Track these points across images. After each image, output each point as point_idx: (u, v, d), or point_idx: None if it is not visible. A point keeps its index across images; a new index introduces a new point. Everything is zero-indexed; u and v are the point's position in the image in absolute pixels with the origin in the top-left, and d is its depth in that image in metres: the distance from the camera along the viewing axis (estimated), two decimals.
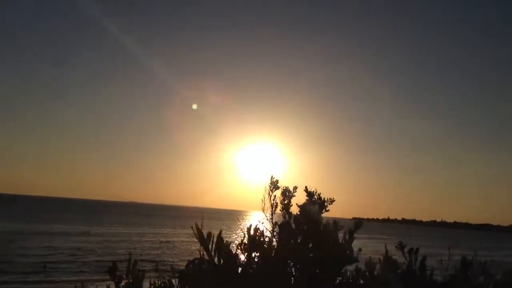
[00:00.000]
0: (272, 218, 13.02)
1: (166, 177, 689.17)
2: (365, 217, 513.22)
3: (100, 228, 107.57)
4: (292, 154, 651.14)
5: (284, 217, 13.26)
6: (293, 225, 13.04)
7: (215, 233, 8.55)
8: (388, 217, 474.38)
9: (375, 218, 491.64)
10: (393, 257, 11.21)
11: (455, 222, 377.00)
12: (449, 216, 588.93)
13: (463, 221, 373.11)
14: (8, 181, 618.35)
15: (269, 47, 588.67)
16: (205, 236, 8.60)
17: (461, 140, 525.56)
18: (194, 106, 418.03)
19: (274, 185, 14.02)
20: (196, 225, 8.32)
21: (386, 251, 10.87)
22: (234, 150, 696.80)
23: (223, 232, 10.41)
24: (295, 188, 13.72)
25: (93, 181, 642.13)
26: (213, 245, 8.33)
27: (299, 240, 11.83)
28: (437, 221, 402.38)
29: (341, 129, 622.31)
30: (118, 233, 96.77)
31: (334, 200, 14.43)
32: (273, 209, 13.33)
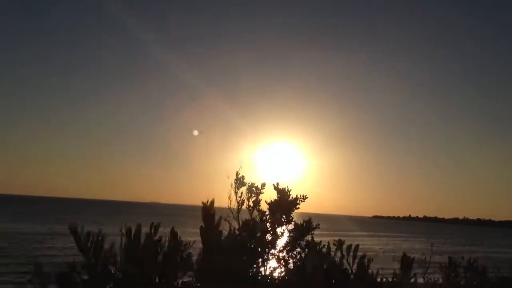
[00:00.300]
0: (238, 216, 11.72)
1: (188, 176, 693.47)
2: (385, 215, 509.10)
3: (113, 227, 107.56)
4: (311, 154, 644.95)
5: (250, 214, 11.98)
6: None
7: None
8: (410, 215, 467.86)
9: (396, 216, 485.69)
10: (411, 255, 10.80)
11: (478, 219, 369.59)
12: (472, 213, 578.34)
13: (486, 218, 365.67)
14: (26, 183, 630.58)
15: (286, 46, 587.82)
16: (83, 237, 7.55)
17: (482, 138, 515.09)
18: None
19: (240, 181, 12.64)
20: (74, 225, 7.31)
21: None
22: (253, 150, 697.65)
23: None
24: (263, 185, 12.34)
25: (114, 181, 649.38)
26: (92, 246, 7.23)
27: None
28: (460, 218, 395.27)
29: (360, 128, 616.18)
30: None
31: (307, 197, 12.94)
32: (239, 206, 11.99)
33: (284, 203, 11.08)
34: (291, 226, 11.61)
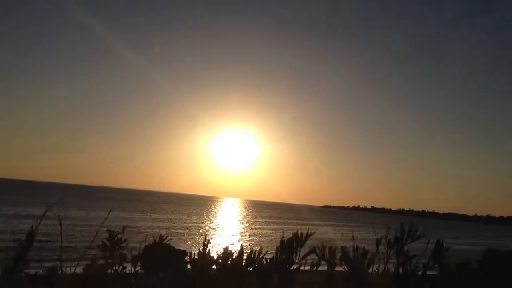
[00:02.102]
0: None
1: (139, 162, 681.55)
2: (335, 204, 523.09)
3: (61, 212, 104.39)
4: (266, 142, 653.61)
5: None
6: None
7: None
8: (358, 205, 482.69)
9: (345, 206, 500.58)
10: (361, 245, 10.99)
11: (422, 211, 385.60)
12: (418, 205, 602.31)
13: (430, 210, 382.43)
14: None
15: (255, 35, 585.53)
16: None
17: (430, 132, 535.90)
18: None
19: None
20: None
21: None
22: (208, 137, 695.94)
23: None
24: None
25: (66, 165, 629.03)
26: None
27: None
28: (405, 209, 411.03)
29: (315, 119, 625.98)
30: (77, 217, 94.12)
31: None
32: None
33: None
34: None
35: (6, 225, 67.22)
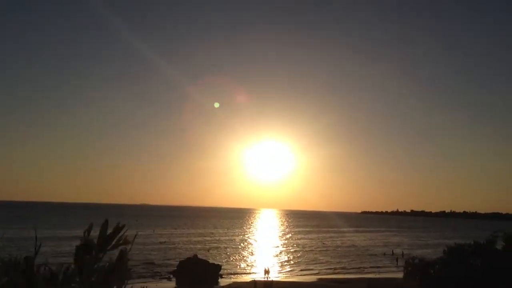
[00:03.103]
0: None
1: (176, 178, 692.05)
2: (374, 210, 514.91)
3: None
4: (301, 151, 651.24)
5: None
6: None
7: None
8: (397, 209, 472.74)
9: (383, 211, 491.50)
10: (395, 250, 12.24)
11: (464, 212, 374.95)
12: (459, 206, 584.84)
13: (472, 210, 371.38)
14: (17, 188, 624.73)
15: (282, 48, 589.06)
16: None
17: (469, 133, 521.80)
18: (216, 105, 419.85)
19: None
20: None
21: None
22: (242, 148, 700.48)
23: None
24: None
25: (105, 185, 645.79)
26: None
27: None
28: (446, 211, 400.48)
29: (348, 126, 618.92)
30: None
31: None
32: None
33: None
34: None
35: (52, 248, 70.91)
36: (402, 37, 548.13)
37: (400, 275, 31.21)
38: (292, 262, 67.27)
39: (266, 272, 48.19)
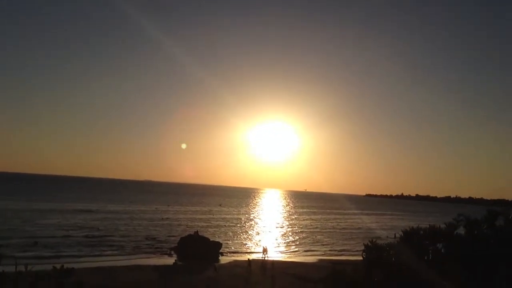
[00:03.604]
0: None
1: (181, 155, 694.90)
2: (378, 193, 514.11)
3: (107, 205, 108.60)
4: (306, 132, 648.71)
5: None
6: None
7: None
8: (402, 193, 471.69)
9: (388, 194, 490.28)
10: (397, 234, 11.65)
11: (469, 198, 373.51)
12: (464, 192, 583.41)
13: (478, 196, 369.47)
14: (28, 161, 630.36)
15: (285, 26, 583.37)
16: None
17: (476, 117, 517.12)
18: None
19: None
20: None
21: None
22: (247, 128, 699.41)
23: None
24: None
25: (111, 160, 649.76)
26: None
27: None
28: (452, 196, 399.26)
29: (354, 108, 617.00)
30: (121, 211, 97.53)
31: None
32: None
33: None
34: None
35: (57, 221, 70.94)
36: (411, 19, 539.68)
37: None
38: (294, 242, 66.93)
39: (264, 251, 47.70)
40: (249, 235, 72.27)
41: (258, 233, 75.51)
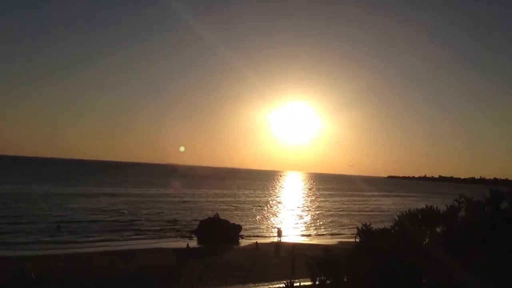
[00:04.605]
0: None
1: (202, 138, 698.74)
2: (400, 175, 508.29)
3: (130, 189, 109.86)
4: (328, 114, 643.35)
5: None
6: None
7: None
8: (425, 175, 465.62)
9: (411, 176, 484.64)
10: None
11: (495, 179, 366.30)
12: (489, 173, 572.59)
13: (503, 177, 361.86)
14: (49, 145, 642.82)
15: (311, 7, 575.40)
16: None
17: (500, 97, 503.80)
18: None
19: None
20: None
21: None
22: (268, 110, 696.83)
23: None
24: None
25: (132, 144, 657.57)
26: None
27: None
28: (476, 178, 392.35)
29: (375, 90, 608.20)
30: (144, 194, 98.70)
31: None
32: None
33: None
34: None
35: (83, 205, 72.09)
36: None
37: None
38: (319, 225, 66.68)
39: (279, 233, 47.62)
40: (270, 218, 72.33)
41: (278, 216, 75.48)
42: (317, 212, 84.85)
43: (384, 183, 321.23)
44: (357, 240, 11.94)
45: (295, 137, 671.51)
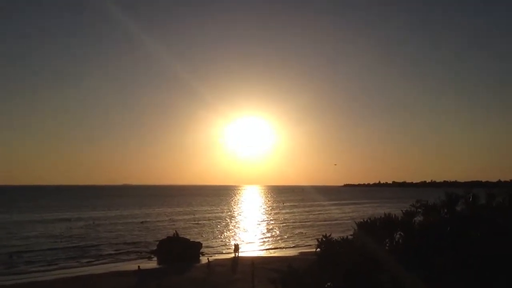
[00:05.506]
0: None
1: (158, 157, 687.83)
2: (356, 183, 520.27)
3: (87, 213, 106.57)
4: (282, 128, 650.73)
5: None
6: None
7: None
8: (379, 181, 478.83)
9: (366, 183, 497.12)
10: None
11: (444, 182, 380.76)
12: (439, 176, 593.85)
13: (452, 179, 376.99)
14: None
15: (260, 22, 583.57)
16: None
17: (447, 101, 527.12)
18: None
19: None
20: None
21: None
22: (223, 125, 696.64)
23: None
24: None
25: (86, 166, 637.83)
26: None
27: None
28: (427, 181, 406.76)
29: (328, 101, 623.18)
30: (102, 217, 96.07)
31: None
32: None
33: None
34: None
35: (38, 232, 69.22)
36: (382, 13, 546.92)
37: None
38: (276, 237, 66.97)
39: (236, 249, 47.59)
40: (230, 233, 72.04)
41: (238, 231, 75.36)
42: (277, 224, 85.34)
43: (341, 192, 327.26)
44: (318, 250, 12.19)
45: (251, 151, 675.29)
